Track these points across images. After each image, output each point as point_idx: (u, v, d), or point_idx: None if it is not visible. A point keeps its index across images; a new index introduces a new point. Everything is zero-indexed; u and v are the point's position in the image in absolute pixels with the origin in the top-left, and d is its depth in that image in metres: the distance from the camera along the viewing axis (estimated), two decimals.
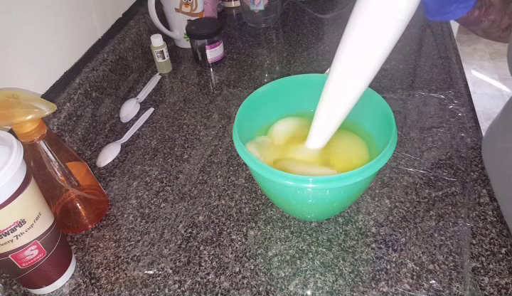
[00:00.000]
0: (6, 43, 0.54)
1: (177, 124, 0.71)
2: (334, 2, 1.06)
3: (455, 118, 0.65)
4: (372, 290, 0.44)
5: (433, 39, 0.86)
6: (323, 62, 0.83)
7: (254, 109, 0.52)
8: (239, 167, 0.61)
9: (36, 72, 0.60)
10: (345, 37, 0.41)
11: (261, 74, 0.82)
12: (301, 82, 0.54)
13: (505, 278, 0.43)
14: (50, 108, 0.43)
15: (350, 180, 0.39)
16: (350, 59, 0.41)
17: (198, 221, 0.53)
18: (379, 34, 0.39)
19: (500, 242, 0.47)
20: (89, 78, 0.68)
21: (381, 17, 0.38)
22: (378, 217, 0.51)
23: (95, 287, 0.47)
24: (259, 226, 0.52)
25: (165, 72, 0.84)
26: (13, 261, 0.41)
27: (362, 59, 0.41)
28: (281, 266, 0.47)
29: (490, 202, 0.51)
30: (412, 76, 0.75)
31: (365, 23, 0.39)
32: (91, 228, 0.54)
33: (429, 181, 0.55)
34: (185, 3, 0.84)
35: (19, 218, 0.39)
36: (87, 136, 0.67)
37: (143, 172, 0.62)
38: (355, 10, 0.39)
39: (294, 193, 0.44)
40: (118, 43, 0.78)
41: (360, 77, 0.42)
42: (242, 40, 0.94)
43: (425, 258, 0.46)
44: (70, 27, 0.67)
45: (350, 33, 0.40)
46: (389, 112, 0.46)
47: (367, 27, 0.39)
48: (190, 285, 0.46)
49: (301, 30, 0.95)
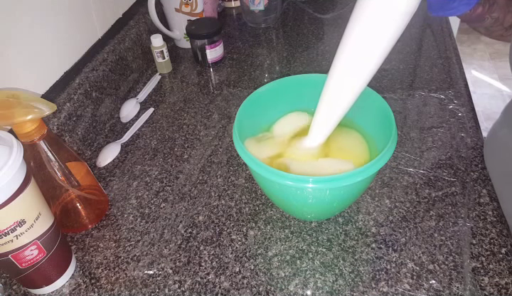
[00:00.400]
0: (6, 43, 0.54)
1: (177, 124, 0.71)
2: (334, 2, 1.06)
3: (455, 118, 0.65)
4: (372, 290, 0.44)
5: (433, 39, 0.86)
6: (323, 62, 0.83)
7: (254, 110, 0.52)
8: (239, 167, 0.61)
9: (36, 72, 0.60)
10: (347, 31, 0.40)
11: (261, 74, 0.82)
12: (301, 82, 0.54)
13: (505, 278, 0.43)
14: (50, 108, 0.43)
15: (350, 180, 0.39)
16: (352, 52, 0.41)
17: (198, 221, 0.53)
18: (382, 27, 0.38)
19: (501, 242, 0.47)
20: (89, 78, 0.68)
21: (384, 9, 0.37)
22: (378, 217, 0.51)
23: (95, 287, 0.47)
24: (259, 226, 0.52)
25: (165, 72, 0.84)
26: (13, 261, 0.41)
27: (365, 52, 0.40)
28: (281, 266, 0.47)
29: (490, 202, 0.51)
30: (412, 76, 0.75)
31: (367, 16, 0.38)
32: (91, 228, 0.54)
33: (429, 181, 0.55)
34: (185, 3, 0.84)
35: (19, 218, 0.39)
36: (87, 136, 0.67)
37: (143, 172, 0.62)
38: (358, 3, 0.39)
39: (294, 193, 0.44)
40: (118, 43, 0.78)
41: (362, 71, 0.41)
42: (242, 40, 0.94)
43: (425, 258, 0.46)
44: (70, 27, 0.67)
45: (353, 26, 0.39)
46: (389, 112, 0.46)
47: (370, 20, 0.38)
48: (190, 285, 0.46)
49: (301, 30, 0.95)
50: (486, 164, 0.56)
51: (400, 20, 0.37)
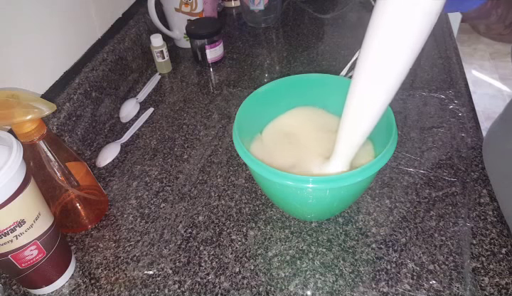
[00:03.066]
0: (5, 43, 0.54)
1: (177, 124, 0.71)
2: (334, 2, 1.06)
3: (455, 118, 0.65)
4: (372, 290, 0.44)
5: (433, 39, 0.86)
6: (323, 62, 0.82)
7: (254, 109, 0.52)
8: (239, 167, 0.61)
9: (36, 72, 0.60)
10: (368, 36, 0.37)
11: (261, 74, 0.82)
12: (302, 81, 0.54)
13: (505, 278, 0.43)
14: (49, 108, 0.43)
15: (350, 180, 0.39)
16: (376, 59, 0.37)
17: (197, 221, 0.53)
18: (406, 29, 0.34)
19: (501, 243, 0.47)
20: (88, 78, 0.68)
21: (408, 9, 0.33)
22: (378, 217, 0.51)
23: (95, 287, 0.47)
24: (259, 226, 0.52)
25: (165, 72, 0.84)
26: (12, 261, 0.41)
27: (389, 58, 0.36)
28: (281, 266, 0.47)
29: (490, 202, 0.51)
30: (412, 76, 0.75)
31: (390, 19, 0.34)
32: (91, 228, 0.54)
33: (429, 181, 0.55)
34: (185, 2, 0.84)
35: (19, 218, 0.39)
36: (86, 136, 0.67)
37: (143, 172, 0.62)
38: (378, 7, 0.35)
39: (294, 193, 0.44)
40: (118, 42, 0.78)
41: (388, 79, 0.37)
42: (242, 40, 0.94)
43: (425, 258, 0.46)
44: (69, 27, 0.67)
45: (374, 33, 0.36)
46: (389, 112, 0.46)
47: (392, 23, 0.34)
48: (190, 285, 0.46)
49: (301, 30, 0.95)
50: (485, 164, 0.56)
51: (425, 20, 0.34)
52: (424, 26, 0.34)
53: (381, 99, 0.39)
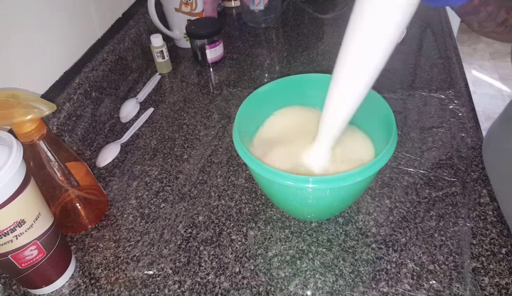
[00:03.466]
0: (5, 42, 0.54)
1: (177, 124, 0.71)
2: (334, 2, 1.06)
3: (455, 118, 0.65)
4: (372, 290, 0.44)
5: (433, 39, 0.86)
6: (323, 62, 0.82)
7: (254, 109, 0.52)
8: (239, 167, 0.61)
9: (36, 72, 0.60)
10: (349, 28, 0.39)
11: (261, 74, 0.82)
12: (302, 81, 0.54)
13: (505, 278, 0.43)
14: (49, 108, 0.43)
15: (350, 180, 0.39)
16: (355, 54, 0.40)
17: (197, 221, 0.53)
18: (384, 23, 0.37)
19: (501, 243, 0.47)
20: (88, 78, 0.68)
21: (384, 4, 0.36)
22: (378, 217, 0.51)
23: (95, 287, 0.47)
24: (259, 226, 0.52)
25: (165, 72, 0.84)
26: (12, 261, 0.41)
27: (368, 50, 0.39)
28: (281, 266, 0.47)
29: (490, 202, 0.51)
30: (412, 76, 0.75)
31: (368, 12, 0.37)
32: (90, 228, 0.54)
33: (429, 181, 0.55)
34: (185, 2, 0.84)
35: (19, 218, 0.39)
36: (86, 136, 0.67)
37: (143, 172, 0.62)
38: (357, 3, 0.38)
39: (294, 193, 0.44)
40: (118, 42, 0.78)
41: (367, 69, 0.40)
42: (242, 40, 0.94)
43: (425, 258, 0.46)
44: (69, 27, 0.67)
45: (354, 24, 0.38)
46: (389, 112, 0.46)
47: (371, 16, 0.37)
48: (190, 285, 0.46)
49: (301, 30, 0.95)
50: (485, 164, 0.56)
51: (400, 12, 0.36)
52: (400, 18, 0.37)
53: (361, 83, 0.41)
